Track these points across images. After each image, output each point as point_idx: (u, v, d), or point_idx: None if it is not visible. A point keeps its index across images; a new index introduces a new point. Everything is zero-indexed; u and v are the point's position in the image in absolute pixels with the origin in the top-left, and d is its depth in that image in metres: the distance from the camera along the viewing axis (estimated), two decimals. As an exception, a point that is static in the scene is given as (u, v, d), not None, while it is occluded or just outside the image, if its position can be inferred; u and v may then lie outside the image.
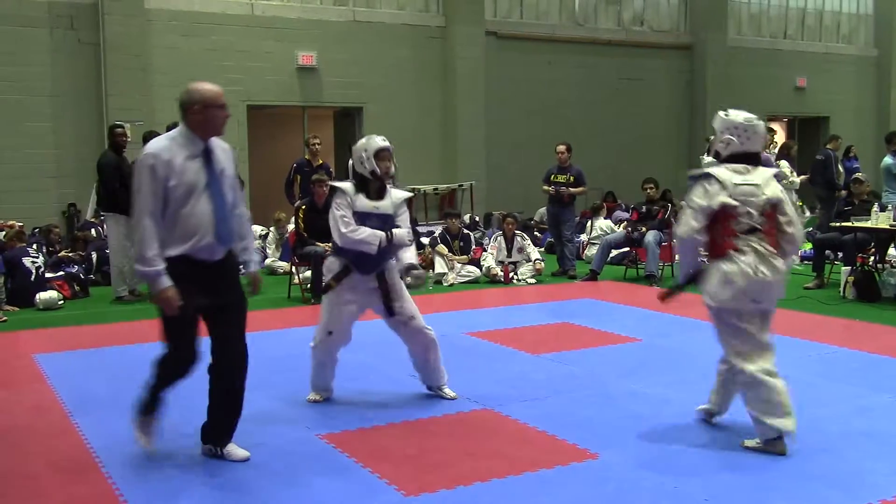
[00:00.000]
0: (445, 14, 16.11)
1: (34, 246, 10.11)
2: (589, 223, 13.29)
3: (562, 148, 11.22)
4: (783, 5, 20.60)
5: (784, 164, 12.33)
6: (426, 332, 5.28)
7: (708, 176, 4.38)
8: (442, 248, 10.76)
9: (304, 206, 9.34)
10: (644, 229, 10.51)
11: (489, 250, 11.02)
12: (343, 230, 5.07)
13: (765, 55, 19.95)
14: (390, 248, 5.16)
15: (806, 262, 11.16)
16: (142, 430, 4.35)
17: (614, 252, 11.27)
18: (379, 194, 5.21)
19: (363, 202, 5.13)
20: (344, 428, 4.79)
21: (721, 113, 4.58)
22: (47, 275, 9.37)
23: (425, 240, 12.06)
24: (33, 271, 9.12)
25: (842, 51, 21.31)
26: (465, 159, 16.11)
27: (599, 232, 12.68)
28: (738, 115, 4.51)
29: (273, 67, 14.54)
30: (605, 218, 13.73)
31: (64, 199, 13.23)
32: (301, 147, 12.32)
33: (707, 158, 12.75)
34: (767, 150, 11.39)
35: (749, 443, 4.44)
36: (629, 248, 11.03)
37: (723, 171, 4.40)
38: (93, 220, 12.24)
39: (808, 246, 11.68)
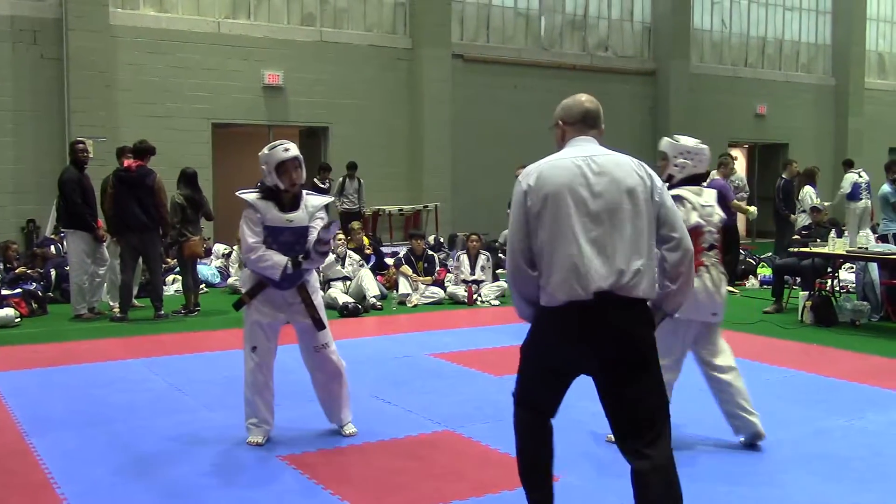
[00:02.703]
0: (412, 36, 16.21)
1: (-9, 262, 9.96)
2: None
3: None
4: (744, 34, 21.01)
5: (809, 189, 12.40)
6: (336, 362, 4.90)
7: (679, 198, 4.53)
8: (406, 268, 10.76)
9: None
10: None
11: (452, 271, 11.03)
12: (247, 255, 4.65)
13: (726, 82, 20.31)
14: (302, 271, 4.70)
15: (765, 286, 11.32)
16: None
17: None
18: (293, 204, 4.74)
19: (275, 215, 4.68)
20: (305, 449, 4.76)
21: (668, 139, 4.84)
22: (4, 292, 9.22)
23: (389, 260, 12.07)
24: (-10, 288, 8.98)
25: (801, 79, 21.78)
26: (431, 180, 16.16)
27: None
28: (689, 140, 4.79)
29: (239, 86, 14.51)
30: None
31: (23, 215, 13.05)
32: (266, 166, 12.30)
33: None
34: (728, 179, 11.49)
35: None
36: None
37: (689, 193, 4.64)
38: (52, 236, 12.08)
39: (768, 271, 11.85)
